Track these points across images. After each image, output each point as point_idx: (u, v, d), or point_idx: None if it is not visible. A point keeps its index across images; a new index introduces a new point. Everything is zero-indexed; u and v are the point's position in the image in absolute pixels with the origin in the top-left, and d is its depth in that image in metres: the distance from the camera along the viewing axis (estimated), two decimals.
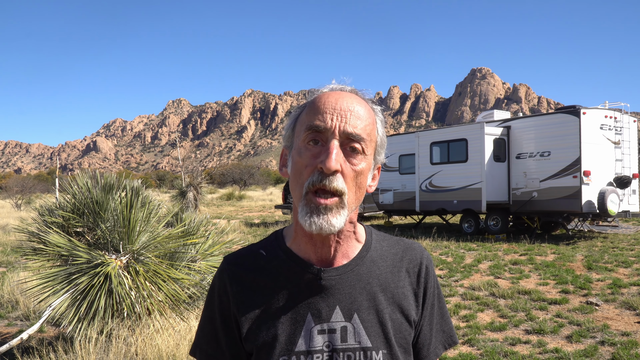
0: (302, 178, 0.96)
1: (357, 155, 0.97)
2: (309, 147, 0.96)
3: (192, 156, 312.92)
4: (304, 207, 0.95)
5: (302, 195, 0.95)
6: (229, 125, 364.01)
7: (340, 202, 0.94)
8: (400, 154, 15.69)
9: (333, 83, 1.04)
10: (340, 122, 0.95)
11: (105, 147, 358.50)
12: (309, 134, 0.96)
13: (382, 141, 1.05)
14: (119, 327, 3.99)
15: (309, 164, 0.95)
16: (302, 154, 0.97)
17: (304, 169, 0.96)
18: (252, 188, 51.33)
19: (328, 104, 0.98)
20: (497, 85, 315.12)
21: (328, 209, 0.93)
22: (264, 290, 1.03)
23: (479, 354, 4.80)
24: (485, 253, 10.52)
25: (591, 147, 12.00)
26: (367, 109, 1.01)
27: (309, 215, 0.94)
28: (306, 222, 0.94)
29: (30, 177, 47.56)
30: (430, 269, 1.11)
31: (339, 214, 0.94)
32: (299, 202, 0.96)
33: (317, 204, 0.93)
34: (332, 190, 0.93)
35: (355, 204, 0.99)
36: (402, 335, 1.03)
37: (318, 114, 0.97)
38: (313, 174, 0.94)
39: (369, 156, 0.99)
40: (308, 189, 0.94)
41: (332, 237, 1.01)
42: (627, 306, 6.27)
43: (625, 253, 10.10)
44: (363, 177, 0.98)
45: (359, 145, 0.97)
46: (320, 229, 0.93)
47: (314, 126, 0.96)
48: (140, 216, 4.24)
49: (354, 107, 0.98)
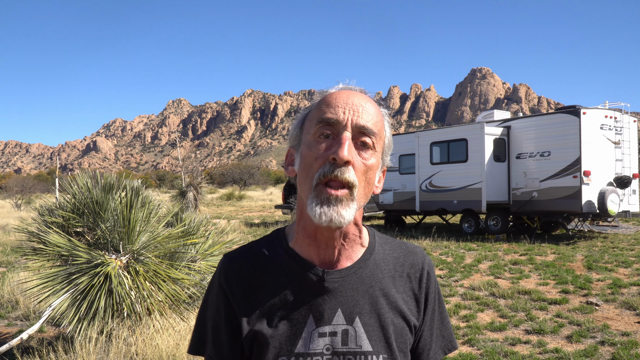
0: (312, 171, 0.95)
1: (367, 150, 0.97)
2: (319, 140, 0.96)
3: (192, 156, 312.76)
4: (314, 199, 0.94)
5: (312, 187, 0.94)
6: (229, 125, 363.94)
7: (350, 194, 0.94)
8: (400, 154, 15.69)
9: (340, 84, 1.05)
10: (353, 116, 0.96)
11: (105, 147, 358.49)
12: (320, 128, 0.97)
13: (389, 142, 1.05)
14: (119, 327, 3.99)
15: (320, 156, 0.95)
16: (313, 147, 0.97)
17: (314, 161, 0.95)
18: (252, 188, 51.34)
19: (340, 99, 0.99)
20: (497, 85, 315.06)
21: (338, 200, 0.93)
22: (265, 289, 1.02)
23: (479, 354, 4.80)
24: (485, 253, 10.52)
25: (591, 147, 12.00)
26: (377, 108, 1.02)
27: (320, 206, 0.92)
28: (316, 213, 0.92)
29: (30, 177, 47.56)
30: (431, 274, 1.10)
31: (348, 206, 0.94)
32: (308, 195, 0.95)
33: (328, 195, 0.92)
34: (343, 182, 0.93)
35: (364, 200, 0.98)
36: (402, 340, 1.03)
37: (330, 108, 0.97)
38: (324, 165, 0.94)
39: (378, 153, 1.00)
40: (319, 180, 0.94)
41: (337, 240, 1.00)
42: (627, 306, 6.27)
43: (625, 253, 10.11)
44: (372, 173, 0.99)
45: (369, 139, 0.97)
46: (330, 220, 0.92)
47: (325, 119, 0.96)
48: (140, 216, 4.24)
49: (365, 103, 0.99)
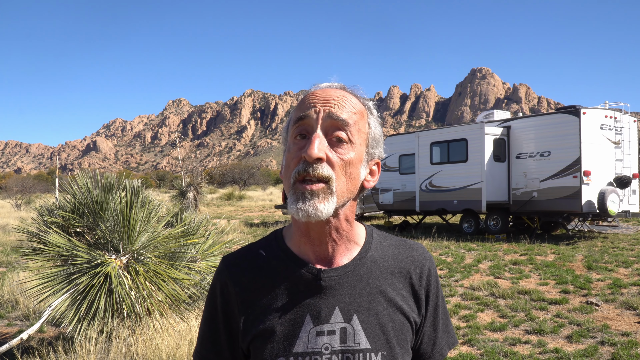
0: (289, 171, 0.97)
1: (343, 145, 0.97)
2: (296, 142, 0.98)
3: (192, 156, 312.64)
4: (292, 196, 0.95)
5: (290, 186, 0.96)
6: (229, 125, 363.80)
7: (327, 187, 0.94)
8: (400, 154, 15.68)
9: (323, 83, 1.05)
10: (324, 107, 0.97)
11: (105, 147, 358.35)
12: (296, 128, 0.98)
13: (375, 135, 1.04)
14: (119, 327, 3.99)
15: (295, 156, 0.96)
16: (291, 148, 0.98)
17: (291, 161, 0.97)
18: (252, 188, 51.34)
19: (313, 96, 1.00)
20: (497, 85, 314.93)
21: (314, 194, 0.93)
22: (262, 290, 1.02)
23: (479, 354, 4.80)
24: (485, 253, 10.52)
25: (591, 147, 12.00)
26: (355, 100, 1.01)
27: (296, 202, 0.94)
28: (293, 209, 0.94)
29: (30, 177, 47.56)
30: (432, 271, 1.10)
31: (326, 200, 0.94)
32: (288, 194, 0.97)
33: (303, 190, 0.93)
34: (317, 177, 0.93)
35: (347, 195, 0.98)
36: (403, 336, 1.02)
37: (304, 107, 0.99)
38: (299, 164, 0.95)
39: (357, 146, 0.99)
40: (295, 178, 0.95)
41: (327, 234, 1.00)
42: (627, 306, 6.27)
43: (625, 253, 10.10)
44: (353, 167, 0.98)
45: (344, 134, 0.97)
46: (307, 215, 0.93)
47: (299, 117, 0.98)
48: (140, 216, 4.24)
49: (338, 96, 0.99)
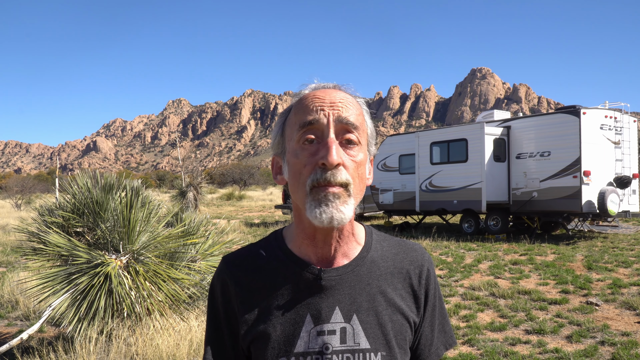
0: (302, 178, 0.94)
1: (354, 147, 0.96)
2: (304, 147, 0.95)
3: (192, 156, 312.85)
4: (311, 202, 0.92)
5: (306, 193, 0.93)
6: (229, 125, 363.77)
7: (346, 191, 0.93)
8: (400, 154, 15.65)
9: (313, 84, 1.03)
10: (333, 111, 0.95)
11: (105, 147, 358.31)
12: (303, 133, 0.95)
13: (372, 132, 1.04)
14: (119, 327, 3.99)
15: (308, 163, 0.93)
16: (299, 154, 0.95)
17: (303, 168, 0.94)
18: (252, 188, 51.35)
19: (317, 99, 0.97)
20: (497, 85, 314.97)
21: (337, 197, 0.92)
22: (263, 290, 1.02)
23: (479, 354, 4.80)
24: (485, 253, 10.52)
25: (591, 147, 12.00)
26: (354, 100, 1.01)
27: (319, 206, 0.91)
28: (317, 213, 0.91)
29: (30, 177, 47.54)
30: (431, 271, 1.10)
31: (347, 202, 0.93)
32: (304, 200, 0.94)
33: (326, 192, 0.91)
34: (338, 184, 0.92)
35: (360, 195, 0.98)
36: (402, 336, 1.03)
37: (308, 110, 0.95)
38: (315, 171, 0.92)
39: (364, 147, 0.99)
40: (312, 185, 0.92)
41: (333, 236, 1.00)
42: (627, 306, 6.27)
43: (625, 253, 10.10)
44: (362, 168, 0.98)
45: (354, 136, 0.96)
46: (331, 218, 0.91)
47: (307, 122, 0.94)
48: (140, 216, 4.24)
49: (343, 98, 0.98)
